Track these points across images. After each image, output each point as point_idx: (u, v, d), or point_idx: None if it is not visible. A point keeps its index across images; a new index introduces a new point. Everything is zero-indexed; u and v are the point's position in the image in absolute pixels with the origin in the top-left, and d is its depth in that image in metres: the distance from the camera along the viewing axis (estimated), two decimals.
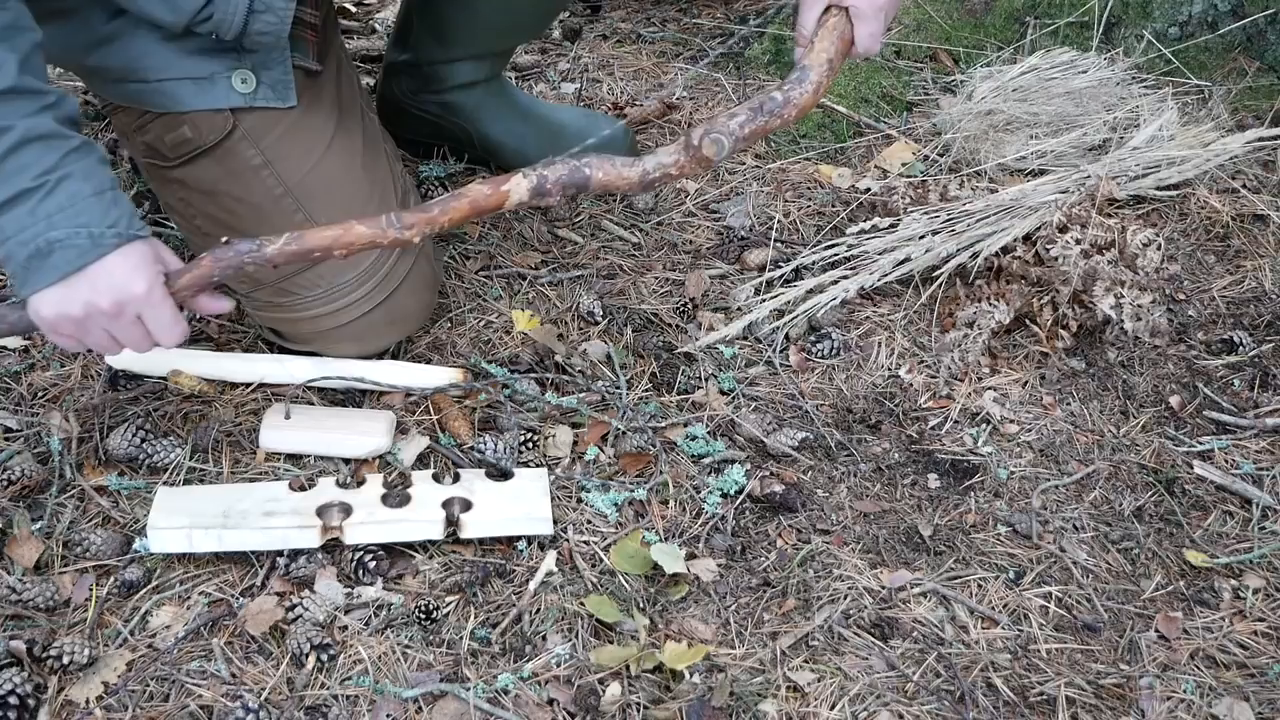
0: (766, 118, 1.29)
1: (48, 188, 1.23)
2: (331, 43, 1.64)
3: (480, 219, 1.29)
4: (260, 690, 1.27)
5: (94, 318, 1.29)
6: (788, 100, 1.30)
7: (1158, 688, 1.33)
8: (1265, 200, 2.03)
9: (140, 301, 1.29)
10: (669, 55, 2.51)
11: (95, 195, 1.26)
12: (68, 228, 1.24)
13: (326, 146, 1.57)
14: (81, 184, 1.25)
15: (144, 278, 1.28)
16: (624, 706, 1.28)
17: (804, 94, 1.30)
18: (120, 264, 1.27)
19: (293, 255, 1.30)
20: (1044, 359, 1.77)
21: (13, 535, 1.42)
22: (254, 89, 1.50)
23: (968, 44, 2.39)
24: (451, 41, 1.94)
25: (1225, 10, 2.31)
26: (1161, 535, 1.53)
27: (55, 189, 1.24)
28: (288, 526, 1.40)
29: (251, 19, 1.40)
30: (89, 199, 1.25)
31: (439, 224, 1.30)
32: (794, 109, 1.30)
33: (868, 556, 1.48)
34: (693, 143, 1.28)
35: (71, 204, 1.24)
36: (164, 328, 1.33)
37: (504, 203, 1.29)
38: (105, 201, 1.27)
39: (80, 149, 1.27)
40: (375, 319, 1.61)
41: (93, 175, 1.27)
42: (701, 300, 1.85)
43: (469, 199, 1.29)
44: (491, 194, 1.29)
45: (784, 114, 1.30)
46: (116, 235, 1.27)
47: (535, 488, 1.49)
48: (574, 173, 1.29)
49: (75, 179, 1.25)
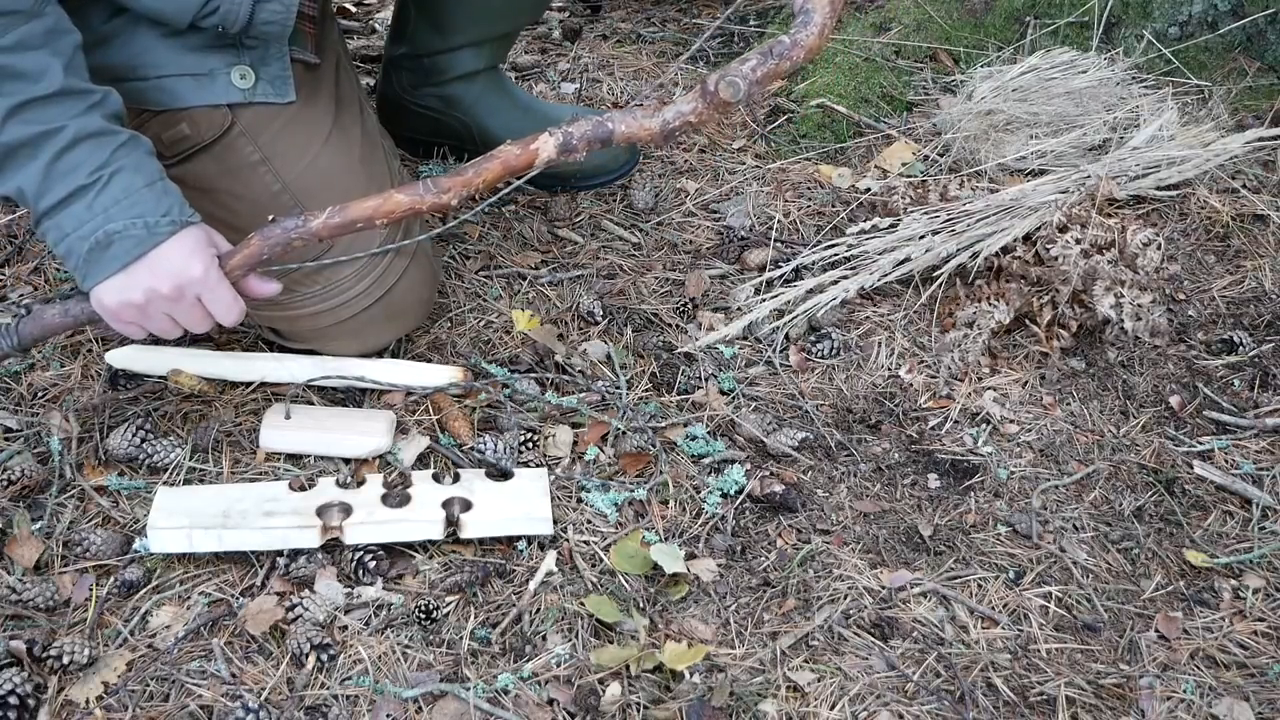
0: (776, 60, 1.31)
1: (102, 183, 1.30)
2: (329, 36, 1.64)
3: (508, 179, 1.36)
4: (260, 690, 1.27)
5: (155, 302, 1.36)
6: (795, 43, 1.32)
7: (1158, 688, 1.33)
8: (1265, 200, 2.03)
9: (199, 283, 1.35)
10: (669, 55, 2.51)
11: (147, 186, 1.32)
12: (124, 219, 1.31)
13: (324, 142, 1.57)
14: (133, 176, 1.32)
15: (200, 260, 1.35)
16: (624, 706, 1.28)
17: (810, 35, 1.33)
18: (177, 249, 1.34)
19: (337, 228, 1.36)
20: (1044, 359, 1.77)
21: (13, 535, 1.42)
22: (253, 84, 1.51)
23: (968, 44, 2.39)
24: (450, 30, 1.94)
25: (1225, 10, 2.31)
26: (1161, 535, 1.53)
27: (109, 183, 1.30)
28: (288, 526, 1.40)
29: (258, 9, 1.41)
30: (142, 190, 1.32)
31: (474, 185, 1.35)
32: (801, 50, 1.33)
33: (868, 556, 1.48)
34: (709, 88, 1.31)
35: (126, 196, 1.31)
36: (223, 307, 1.39)
37: (534, 160, 1.35)
38: (157, 191, 1.33)
39: (129, 143, 1.33)
40: (374, 315, 1.61)
41: (143, 167, 1.33)
42: (701, 300, 1.85)
43: (500, 159, 1.35)
44: (521, 153, 1.35)
45: (793, 55, 1.32)
46: (171, 223, 1.33)
47: (535, 488, 1.49)
48: (598, 127, 1.34)
49: (127, 172, 1.31)
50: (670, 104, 1.34)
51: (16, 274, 1.80)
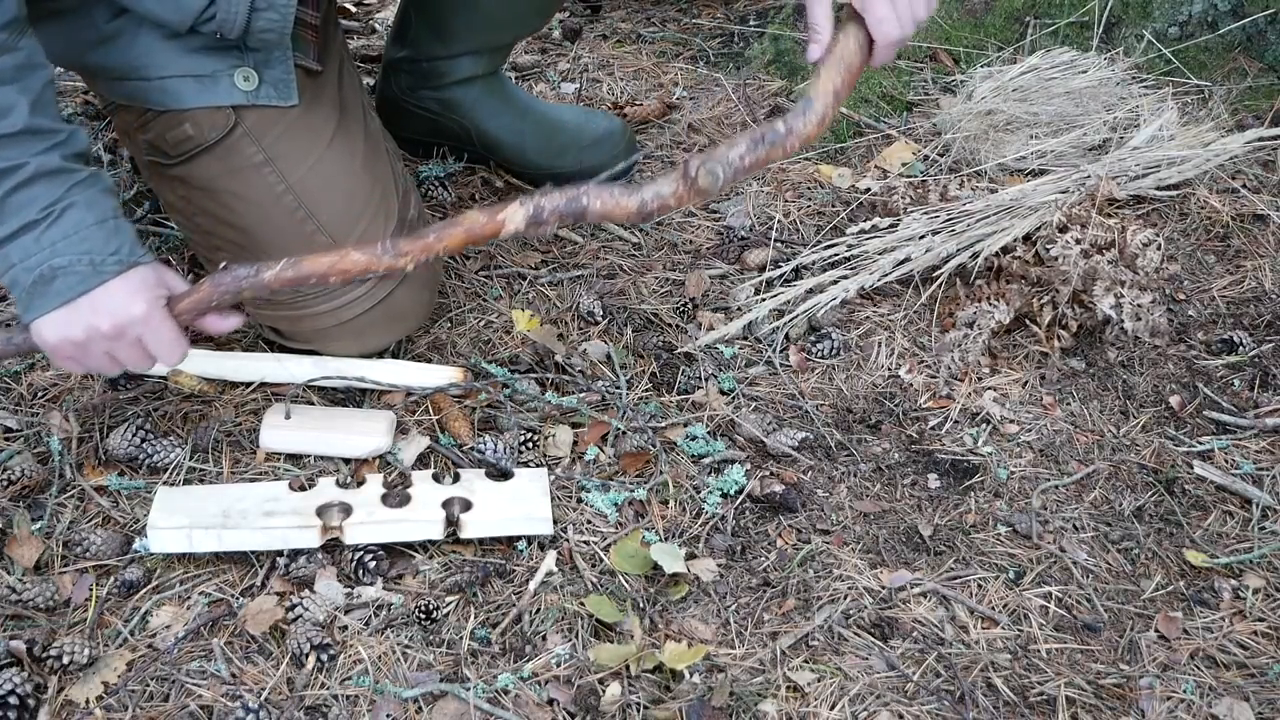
0: (767, 148, 1.28)
1: (52, 218, 1.29)
2: (332, 42, 1.64)
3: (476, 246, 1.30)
4: (260, 690, 1.27)
5: (95, 340, 1.33)
6: (790, 130, 1.28)
7: (1158, 688, 1.33)
8: (1265, 200, 2.03)
9: (140, 323, 1.33)
10: (669, 55, 2.51)
11: (98, 224, 1.31)
12: (70, 254, 1.29)
13: (327, 144, 1.57)
14: (84, 213, 1.30)
15: (143, 301, 1.32)
16: (624, 706, 1.28)
17: (808, 125, 1.29)
18: (120, 289, 1.31)
19: (289, 281, 1.32)
20: (1044, 359, 1.77)
21: (13, 535, 1.42)
22: (256, 86, 1.51)
23: (968, 44, 2.39)
24: (451, 37, 1.94)
25: (1225, 10, 2.31)
26: (1161, 535, 1.53)
27: (60, 219, 1.29)
28: (288, 526, 1.40)
29: (254, 17, 1.41)
30: (91, 227, 1.30)
31: (434, 250, 1.30)
32: (796, 140, 1.29)
33: (868, 556, 1.48)
34: (690, 173, 1.27)
35: (75, 231, 1.29)
36: (164, 347, 1.37)
37: (499, 231, 1.29)
38: (108, 229, 1.32)
39: (85, 181, 1.32)
40: (375, 316, 1.61)
41: (95, 205, 1.31)
42: (701, 300, 1.85)
43: (464, 226, 1.30)
44: (488, 222, 1.29)
45: (786, 144, 1.28)
46: (118, 261, 1.31)
47: (535, 488, 1.49)
48: (571, 202, 1.27)
49: (78, 208, 1.30)
50: (650, 183, 1.29)
51: None
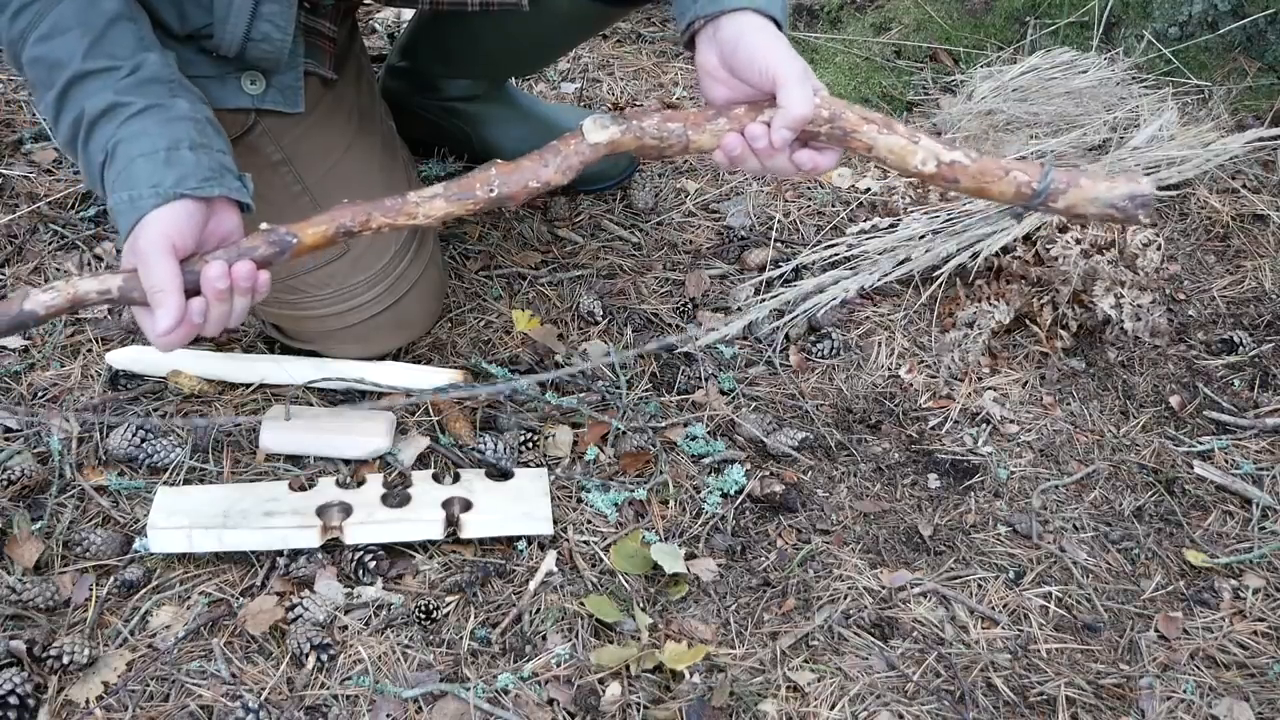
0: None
1: (109, 157, 1.28)
2: (350, 52, 1.65)
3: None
4: (260, 690, 1.27)
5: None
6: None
7: (1158, 688, 1.33)
8: (1265, 200, 2.03)
9: (138, 258, 1.23)
10: (669, 55, 2.51)
11: (144, 156, 1.26)
12: (121, 192, 1.27)
13: (346, 149, 1.58)
14: (130, 147, 1.27)
15: (147, 234, 1.23)
16: (624, 706, 1.28)
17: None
18: (149, 222, 1.24)
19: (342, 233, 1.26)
20: (1044, 359, 1.77)
21: (13, 535, 1.42)
22: (263, 91, 1.51)
23: (968, 44, 2.39)
24: (452, 62, 1.98)
25: (1225, 10, 2.31)
26: (1161, 535, 1.53)
27: (113, 157, 1.27)
28: (288, 526, 1.40)
29: (249, 45, 1.41)
30: (137, 160, 1.26)
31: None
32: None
33: (868, 556, 1.48)
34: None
35: (125, 168, 1.27)
36: (150, 292, 1.22)
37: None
38: (155, 162, 1.26)
39: (139, 114, 1.28)
40: (381, 322, 1.61)
41: (143, 137, 1.27)
42: (701, 300, 1.85)
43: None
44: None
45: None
46: (156, 194, 1.25)
47: (535, 488, 1.49)
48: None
49: (126, 143, 1.27)
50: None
51: (16, 274, 1.80)
